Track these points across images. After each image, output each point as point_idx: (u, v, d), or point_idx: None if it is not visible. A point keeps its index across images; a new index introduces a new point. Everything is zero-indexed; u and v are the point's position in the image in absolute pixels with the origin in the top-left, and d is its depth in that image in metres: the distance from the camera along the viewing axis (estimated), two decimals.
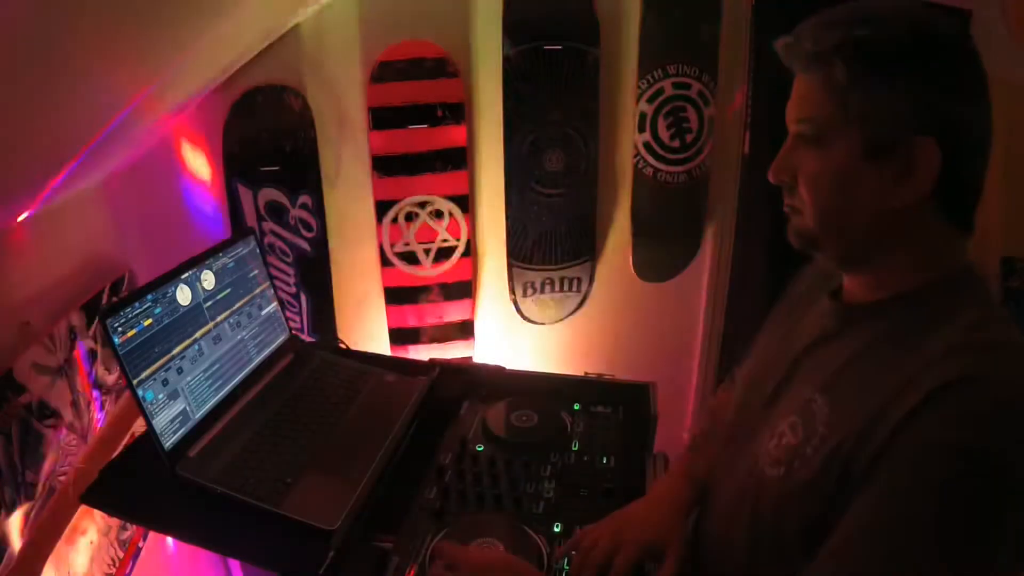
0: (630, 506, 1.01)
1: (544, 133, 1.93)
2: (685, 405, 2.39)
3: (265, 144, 1.79)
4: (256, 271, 1.35)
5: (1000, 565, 0.63)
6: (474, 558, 0.92)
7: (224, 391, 1.20)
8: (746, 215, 2.11)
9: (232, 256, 1.29)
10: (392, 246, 1.98)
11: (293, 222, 1.86)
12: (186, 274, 1.17)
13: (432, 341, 2.09)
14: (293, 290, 1.92)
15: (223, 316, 1.23)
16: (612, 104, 1.98)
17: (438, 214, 1.97)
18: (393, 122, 1.86)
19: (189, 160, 1.81)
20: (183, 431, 1.10)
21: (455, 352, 2.09)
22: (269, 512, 1.02)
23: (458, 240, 2.01)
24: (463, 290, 2.07)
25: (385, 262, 2.00)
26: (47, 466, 1.10)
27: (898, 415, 0.67)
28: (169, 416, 1.08)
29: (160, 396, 1.07)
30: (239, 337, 1.27)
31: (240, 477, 1.07)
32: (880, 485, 0.67)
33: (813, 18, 0.77)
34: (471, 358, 2.10)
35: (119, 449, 1.25)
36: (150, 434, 1.05)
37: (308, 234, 1.89)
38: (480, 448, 1.22)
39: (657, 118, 1.96)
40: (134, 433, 1.33)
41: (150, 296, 1.08)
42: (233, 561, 1.89)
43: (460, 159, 1.94)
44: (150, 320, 1.07)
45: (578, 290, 2.15)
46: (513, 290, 2.10)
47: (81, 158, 1.06)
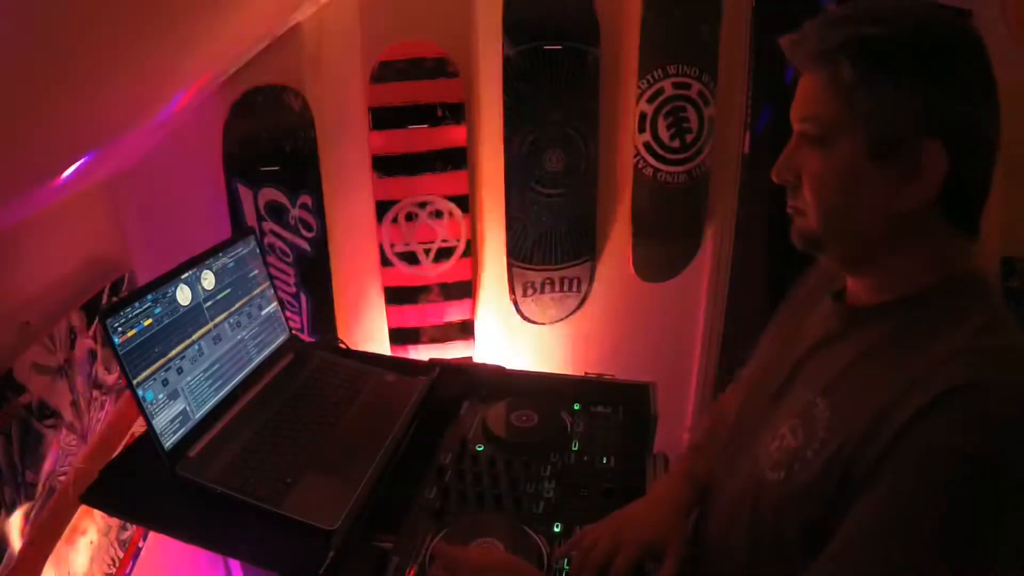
0: (630, 506, 1.01)
1: (544, 133, 1.93)
2: (685, 405, 2.38)
3: (265, 144, 1.79)
4: (256, 271, 1.35)
5: (1001, 568, 0.63)
6: (473, 559, 0.92)
7: (224, 391, 1.20)
8: (746, 215, 2.12)
9: (232, 256, 1.29)
10: (392, 246, 1.98)
11: (293, 222, 1.86)
12: (186, 274, 1.17)
13: (432, 341, 2.09)
14: (293, 290, 1.92)
15: (223, 316, 1.24)
16: (612, 104, 1.98)
17: (438, 214, 1.97)
18: (393, 122, 1.86)
19: (189, 160, 1.81)
20: (183, 431, 1.10)
21: (455, 352, 2.09)
22: (269, 512, 1.02)
23: (458, 240, 2.01)
24: (463, 290, 2.07)
25: (385, 262, 2.00)
26: (47, 466, 1.10)
27: (902, 418, 0.66)
28: (169, 416, 1.08)
29: (160, 396, 1.07)
30: (239, 337, 1.27)
31: (240, 477, 1.07)
32: (883, 488, 0.67)
33: (819, 16, 0.76)
34: (471, 358, 2.09)
35: (119, 449, 1.25)
36: (150, 434, 1.05)
37: (308, 234, 1.88)
38: (480, 448, 1.22)
39: (657, 118, 1.96)
40: (134, 433, 1.33)
41: (150, 296, 1.09)
42: (233, 561, 1.89)
43: (460, 159, 1.94)
44: (150, 320, 1.07)
45: (578, 290, 2.14)
46: (513, 290, 2.10)
47: (82, 158, 1.06)
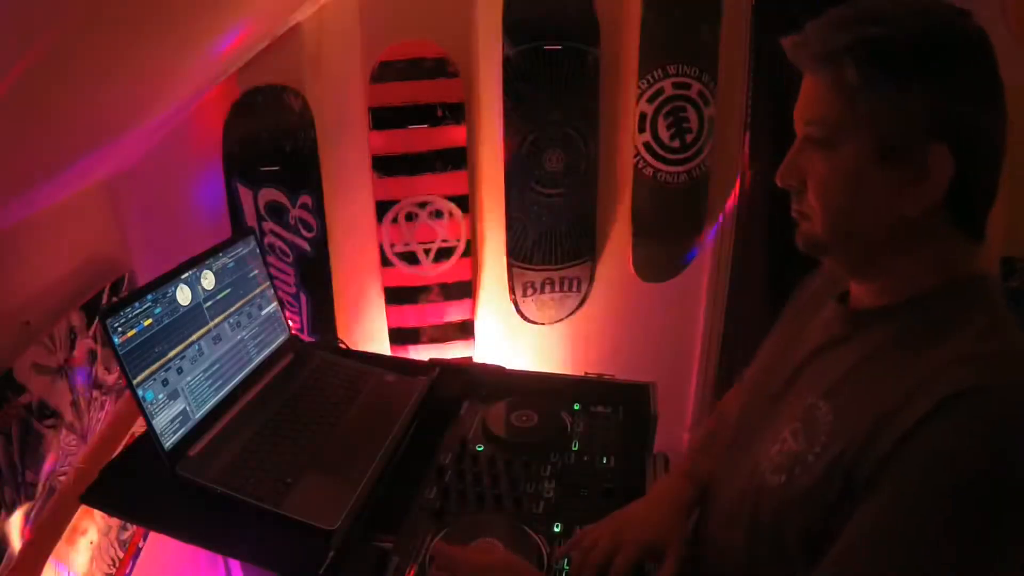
0: (630, 506, 1.01)
1: (544, 133, 1.93)
2: (685, 405, 2.39)
3: (265, 144, 1.79)
4: (256, 271, 1.35)
5: (1005, 572, 0.63)
6: (473, 559, 0.92)
7: (224, 391, 1.20)
8: (746, 215, 2.12)
9: (232, 256, 1.29)
10: (392, 246, 1.98)
11: (293, 222, 1.86)
12: (186, 274, 1.17)
13: (432, 341, 2.09)
14: (293, 290, 1.92)
15: (223, 316, 1.23)
16: (612, 104, 1.99)
17: (438, 214, 1.97)
18: (393, 122, 1.86)
19: (189, 160, 1.81)
20: (183, 431, 1.10)
21: (455, 352, 2.10)
22: (269, 512, 1.02)
23: (458, 240, 2.01)
24: (463, 290, 2.07)
25: (385, 262, 2.00)
26: (47, 466, 1.10)
27: (906, 423, 0.66)
28: (169, 416, 1.08)
29: (160, 396, 1.07)
30: (239, 337, 1.27)
31: (240, 477, 1.07)
32: (886, 493, 0.66)
33: (822, 17, 0.74)
34: (471, 358, 2.09)
35: (119, 449, 1.25)
36: (150, 434, 1.05)
37: (308, 234, 1.89)
38: (480, 448, 1.22)
39: (657, 118, 1.96)
40: (134, 433, 1.33)
41: (150, 296, 1.09)
42: (233, 561, 1.88)
43: (460, 159, 1.94)
44: (150, 320, 1.07)
45: (578, 290, 2.15)
46: (513, 290, 2.10)
47: (82, 158, 1.06)
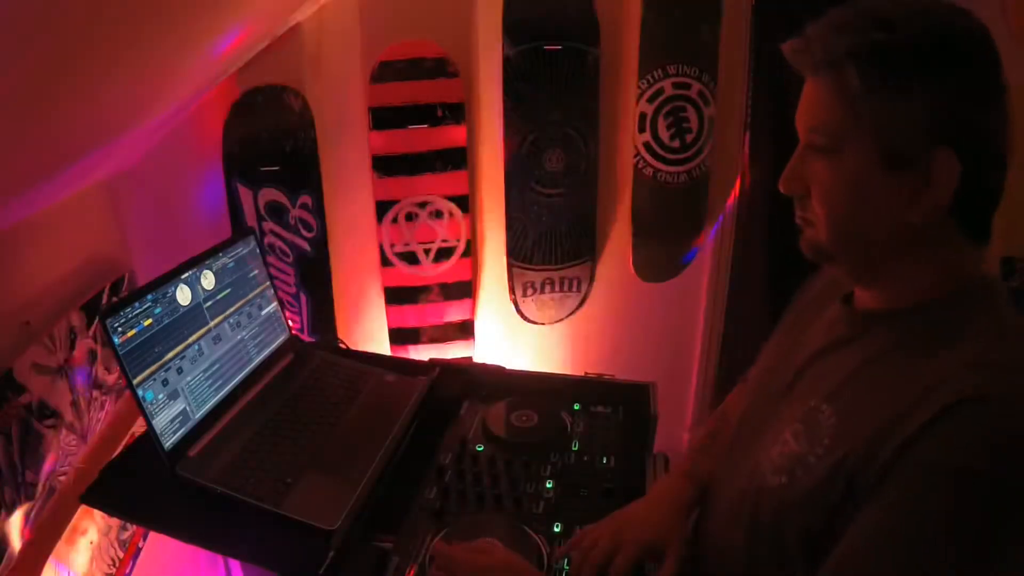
0: (630, 506, 1.01)
1: (544, 133, 1.93)
2: (685, 405, 2.39)
3: (265, 144, 1.79)
4: (256, 271, 1.35)
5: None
6: (473, 559, 0.92)
7: (224, 391, 1.20)
8: (746, 215, 2.12)
9: (232, 256, 1.29)
10: (392, 246, 1.98)
11: (293, 222, 1.86)
12: (186, 274, 1.17)
13: (432, 341, 2.09)
14: (293, 290, 1.92)
15: (223, 316, 1.23)
16: (612, 104, 1.99)
17: (438, 214, 1.97)
18: (393, 122, 1.86)
19: (189, 160, 1.81)
20: (183, 431, 1.10)
21: (455, 352, 2.09)
22: (269, 512, 1.02)
23: (458, 240, 2.01)
24: (463, 290, 2.07)
25: (385, 262, 2.00)
26: (47, 466, 1.10)
27: (909, 428, 0.66)
28: (169, 416, 1.08)
29: (160, 396, 1.07)
30: (239, 337, 1.27)
31: (240, 477, 1.07)
32: (888, 498, 0.66)
33: (823, 20, 0.73)
34: (471, 358, 2.09)
35: (119, 449, 1.25)
36: (150, 434, 1.05)
37: (308, 234, 1.89)
38: (480, 448, 1.22)
39: (657, 118, 1.96)
40: (134, 433, 1.33)
41: (150, 296, 1.09)
42: (233, 561, 1.88)
43: (460, 159, 1.94)
44: (150, 320, 1.07)
45: (578, 290, 2.15)
46: (513, 290, 2.10)
47: (81, 158, 1.06)
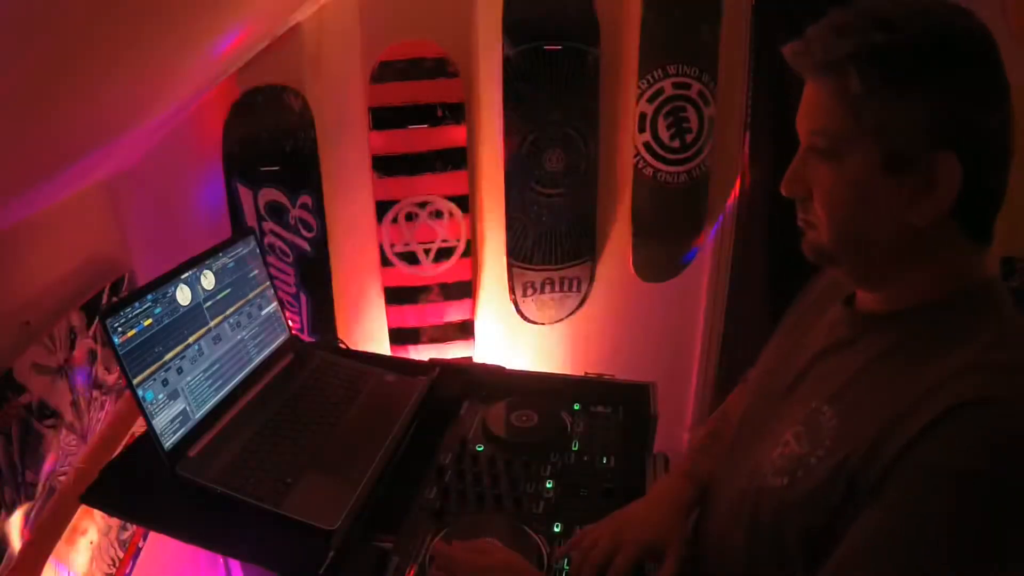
0: (630, 506, 1.01)
1: (544, 133, 1.93)
2: (685, 405, 2.39)
3: (265, 144, 1.79)
4: (256, 271, 1.35)
5: None
6: (472, 559, 0.92)
7: (224, 391, 1.20)
8: (746, 215, 2.12)
9: (232, 256, 1.29)
10: (392, 246, 1.98)
11: (293, 222, 1.86)
12: (186, 274, 1.17)
13: (432, 341, 2.09)
14: (293, 290, 1.92)
15: (223, 316, 1.23)
16: (612, 104, 1.99)
17: (438, 214, 1.97)
18: (393, 122, 1.86)
19: (189, 160, 1.81)
20: (183, 431, 1.10)
21: (455, 352, 2.10)
22: (269, 512, 1.02)
23: (458, 240, 2.01)
24: (463, 290, 2.07)
25: (385, 262, 2.00)
26: (47, 466, 1.10)
27: (910, 431, 0.66)
28: (169, 416, 1.08)
29: (160, 396, 1.07)
30: (239, 337, 1.27)
31: (240, 477, 1.07)
32: (890, 498, 0.66)
33: (823, 22, 0.73)
34: (471, 358, 2.10)
35: (119, 449, 1.25)
36: (150, 434, 1.05)
37: (308, 234, 1.89)
38: (480, 448, 1.22)
39: (657, 118, 1.96)
40: (134, 433, 1.33)
41: (150, 296, 1.09)
42: (233, 561, 1.88)
43: (460, 159, 1.94)
44: (150, 320, 1.07)
45: (578, 290, 2.15)
46: (513, 290, 2.10)
47: (81, 158, 1.06)
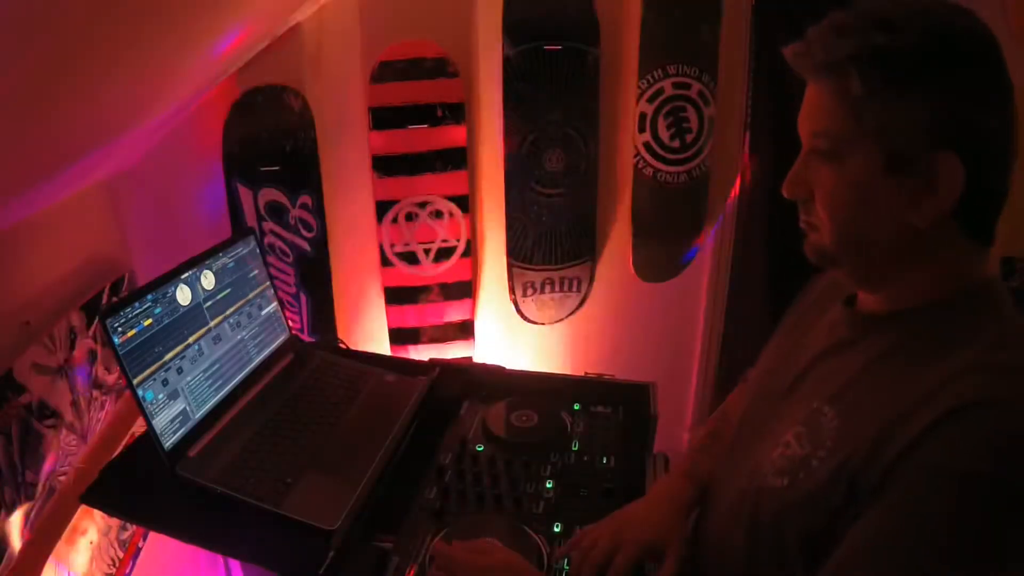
0: (630, 506, 1.01)
1: (544, 133, 1.93)
2: (685, 405, 2.39)
3: (265, 144, 1.79)
4: (256, 271, 1.35)
5: None
6: (472, 559, 0.91)
7: (224, 391, 1.20)
8: (746, 215, 2.12)
9: (232, 256, 1.29)
10: (392, 246, 1.98)
11: (293, 222, 1.86)
12: (186, 274, 1.17)
13: (432, 341, 2.09)
14: (293, 290, 1.92)
15: (223, 316, 1.24)
16: (612, 104, 1.99)
17: (438, 214, 1.97)
18: (393, 122, 1.86)
19: (189, 160, 1.81)
20: (183, 431, 1.10)
21: (455, 352, 2.09)
22: (269, 512, 1.02)
23: (458, 240, 2.01)
24: (463, 290, 2.07)
25: (385, 262, 2.00)
26: (47, 466, 1.10)
27: (911, 432, 0.65)
28: (169, 416, 1.08)
29: (160, 396, 1.07)
30: (239, 337, 1.27)
31: (240, 477, 1.07)
32: (891, 499, 0.66)
33: (824, 22, 0.72)
34: (471, 358, 2.09)
35: (119, 449, 1.25)
36: (150, 434, 1.05)
37: (308, 234, 1.89)
38: (480, 448, 1.22)
39: (657, 118, 1.96)
40: (134, 433, 1.33)
41: (150, 296, 1.09)
42: (233, 561, 1.88)
43: (460, 159, 1.94)
44: (150, 320, 1.07)
45: (578, 290, 2.14)
46: (513, 290, 2.10)
47: (81, 158, 1.06)
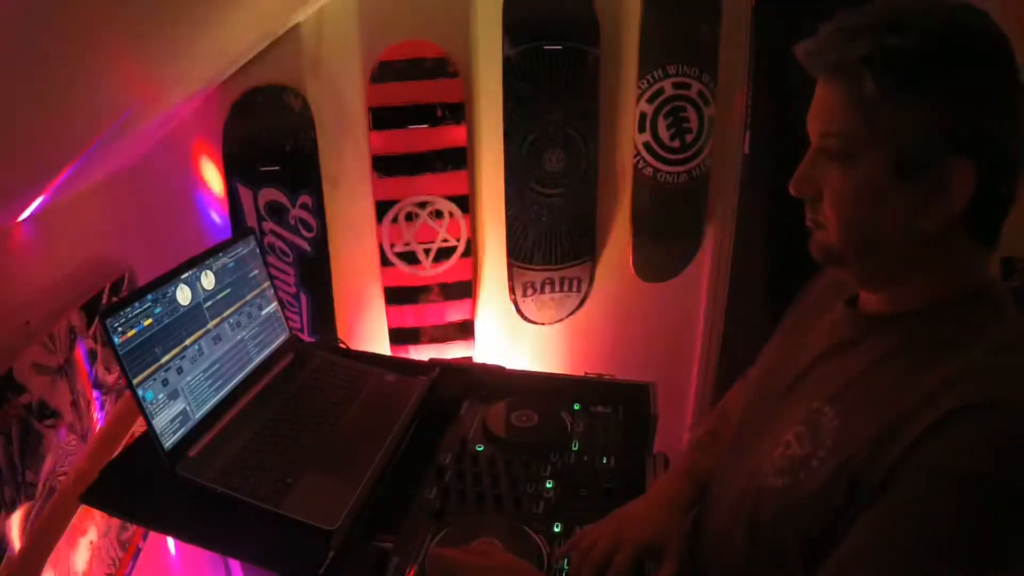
0: (629, 505, 1.01)
1: (544, 133, 1.92)
2: (685, 405, 2.38)
3: (265, 144, 1.79)
4: (256, 271, 1.35)
5: None
6: (472, 561, 0.91)
7: (224, 391, 1.20)
8: (746, 215, 2.11)
9: (232, 256, 1.29)
10: (392, 246, 1.98)
11: (293, 222, 1.86)
12: (186, 274, 1.17)
13: (432, 341, 2.08)
14: (293, 290, 1.92)
15: (223, 316, 1.24)
16: (612, 104, 1.98)
17: (438, 214, 1.97)
18: (393, 122, 1.86)
19: (189, 160, 1.81)
20: (183, 431, 1.10)
21: (455, 352, 2.09)
22: (269, 512, 1.02)
23: (458, 240, 2.01)
24: (463, 290, 2.07)
25: (385, 262, 2.00)
26: (47, 466, 1.10)
27: (913, 433, 0.65)
28: (169, 416, 1.08)
29: (160, 396, 1.07)
30: (239, 337, 1.27)
31: (240, 477, 1.07)
32: (891, 502, 0.66)
33: (836, 22, 0.72)
34: (471, 358, 2.09)
35: (119, 449, 1.25)
36: (150, 434, 1.05)
37: (308, 234, 1.89)
38: (480, 448, 1.22)
39: (657, 118, 1.96)
40: (134, 433, 1.33)
41: (150, 296, 1.09)
42: (233, 561, 1.89)
43: (460, 159, 1.94)
44: (150, 320, 1.07)
45: (578, 290, 2.14)
46: (513, 290, 2.10)
47: (81, 158, 1.06)
